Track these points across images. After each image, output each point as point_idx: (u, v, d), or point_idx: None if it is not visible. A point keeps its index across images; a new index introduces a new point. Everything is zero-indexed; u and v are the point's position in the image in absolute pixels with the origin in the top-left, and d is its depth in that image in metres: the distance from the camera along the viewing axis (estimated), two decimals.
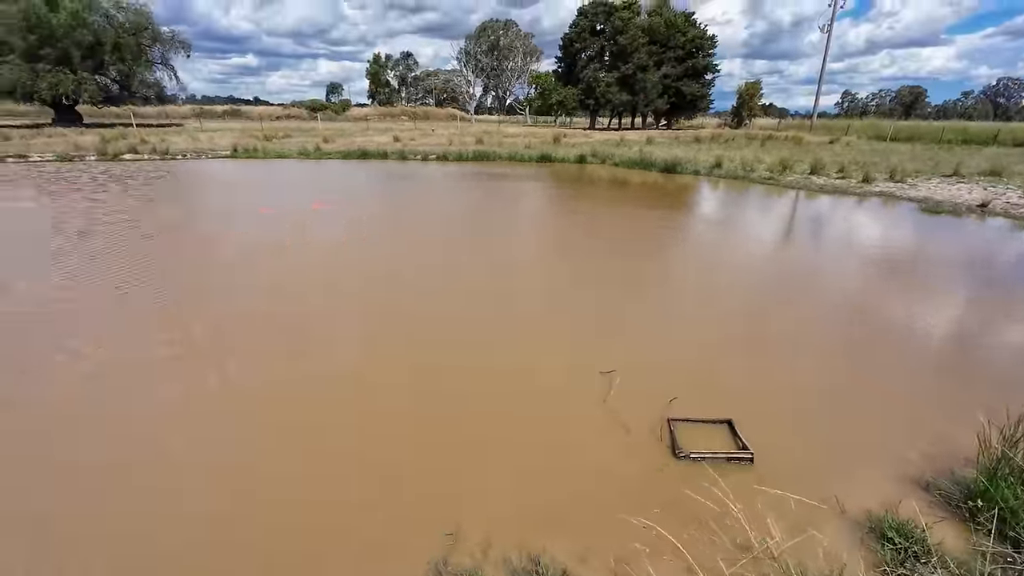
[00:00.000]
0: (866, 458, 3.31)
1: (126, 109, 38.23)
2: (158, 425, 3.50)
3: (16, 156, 18.76)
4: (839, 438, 3.51)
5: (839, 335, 5.13)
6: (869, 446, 3.43)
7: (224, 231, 8.95)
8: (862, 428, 3.63)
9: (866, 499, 2.90)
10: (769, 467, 3.19)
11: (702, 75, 46.13)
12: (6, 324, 5.02)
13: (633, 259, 7.59)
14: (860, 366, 4.49)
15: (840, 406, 3.90)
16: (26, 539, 2.57)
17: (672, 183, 16.33)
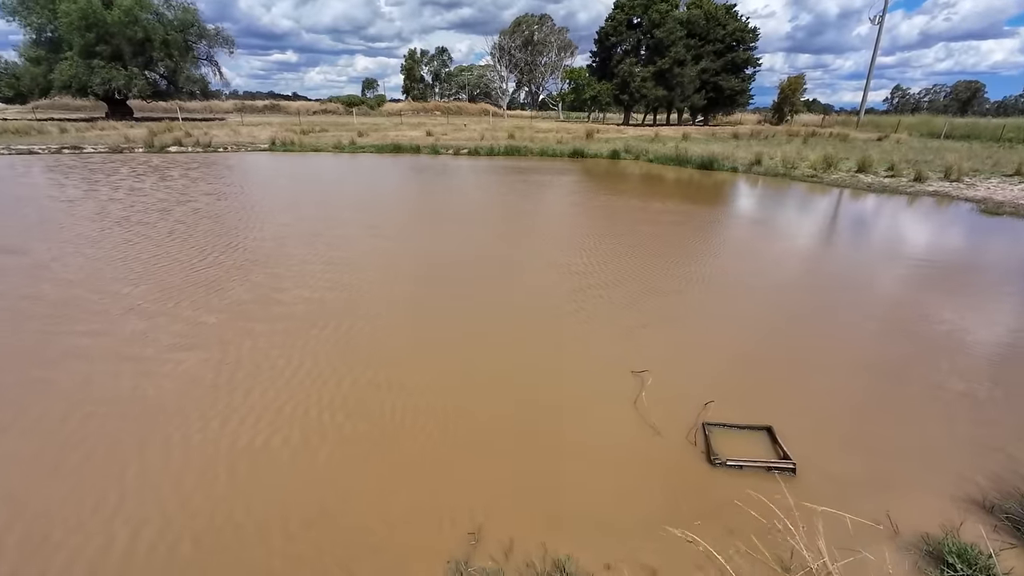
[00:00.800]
0: (920, 475, 3.05)
1: (173, 104, 39.77)
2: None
3: (72, 147, 19.70)
4: (889, 452, 3.26)
5: (890, 343, 4.80)
6: (923, 463, 3.17)
7: (256, 230, 9.12)
8: (915, 443, 3.36)
9: (922, 520, 2.67)
10: (812, 480, 2.98)
11: (742, 69, 44.64)
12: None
13: (667, 256, 7.35)
14: (912, 377, 4.18)
15: (889, 418, 3.63)
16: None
17: (708, 180, 15.84)
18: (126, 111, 37.38)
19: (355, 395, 3.74)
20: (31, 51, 34.04)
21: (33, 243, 7.34)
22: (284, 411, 3.52)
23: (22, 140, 20.91)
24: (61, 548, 2.42)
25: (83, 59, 32.57)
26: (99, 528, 2.54)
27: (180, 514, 2.63)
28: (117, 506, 2.68)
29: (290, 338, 4.59)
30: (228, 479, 2.89)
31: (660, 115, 50.80)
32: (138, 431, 3.28)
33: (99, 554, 2.40)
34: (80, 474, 2.91)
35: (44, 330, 4.66)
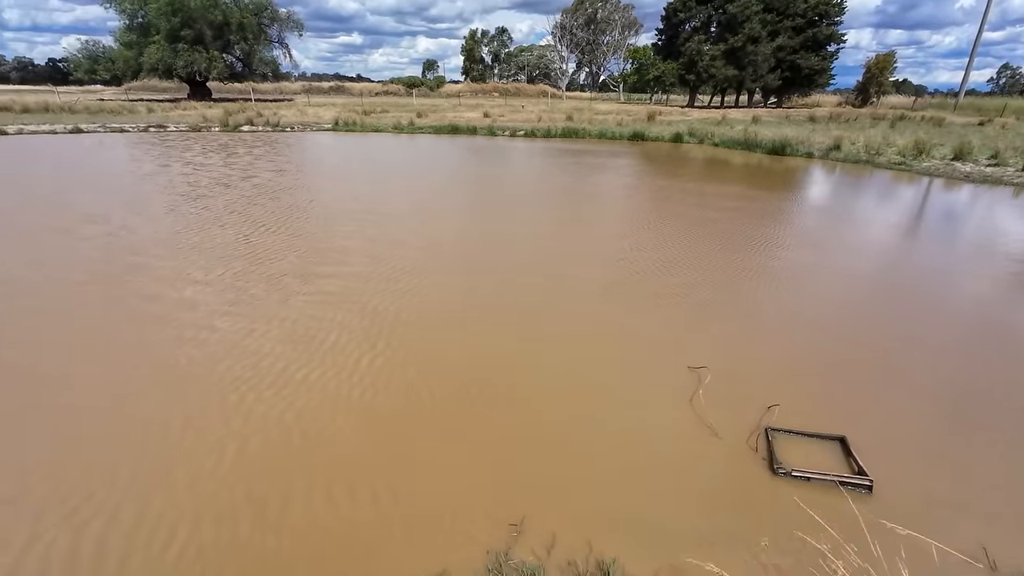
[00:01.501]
0: (1020, 504, 2.69)
1: (247, 85, 41.83)
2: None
3: (157, 126, 21.15)
4: (983, 478, 2.89)
5: (987, 355, 4.27)
6: (1022, 490, 2.79)
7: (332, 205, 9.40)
8: (1012, 467, 2.96)
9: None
10: (891, 500, 2.69)
11: (823, 47, 41.19)
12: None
13: (730, 245, 6.91)
14: (1012, 395, 3.70)
15: (983, 439, 3.22)
16: None
17: (779, 166, 14.80)
18: (205, 92, 39.72)
19: (396, 375, 3.75)
20: (124, 36, 36.73)
21: (112, 212, 7.93)
22: (326, 386, 3.59)
23: (115, 119, 22.67)
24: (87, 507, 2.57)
25: (169, 43, 34.80)
26: (114, 497, 2.68)
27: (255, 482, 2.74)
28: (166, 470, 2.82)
29: (333, 311, 4.68)
30: (265, 449, 2.97)
31: (728, 96, 48.05)
32: (175, 395, 3.44)
33: (109, 522, 2.53)
34: (107, 439, 3.09)
35: (108, 295, 5.00)
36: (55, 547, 2.32)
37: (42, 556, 2.27)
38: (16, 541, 2.34)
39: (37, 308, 4.70)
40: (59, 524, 2.43)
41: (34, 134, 18.42)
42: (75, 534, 2.38)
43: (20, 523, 2.44)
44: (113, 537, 2.37)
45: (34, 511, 2.50)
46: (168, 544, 2.34)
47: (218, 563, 2.26)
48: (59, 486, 2.66)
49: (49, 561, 2.25)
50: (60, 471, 2.76)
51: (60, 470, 2.77)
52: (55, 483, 2.68)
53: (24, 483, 2.68)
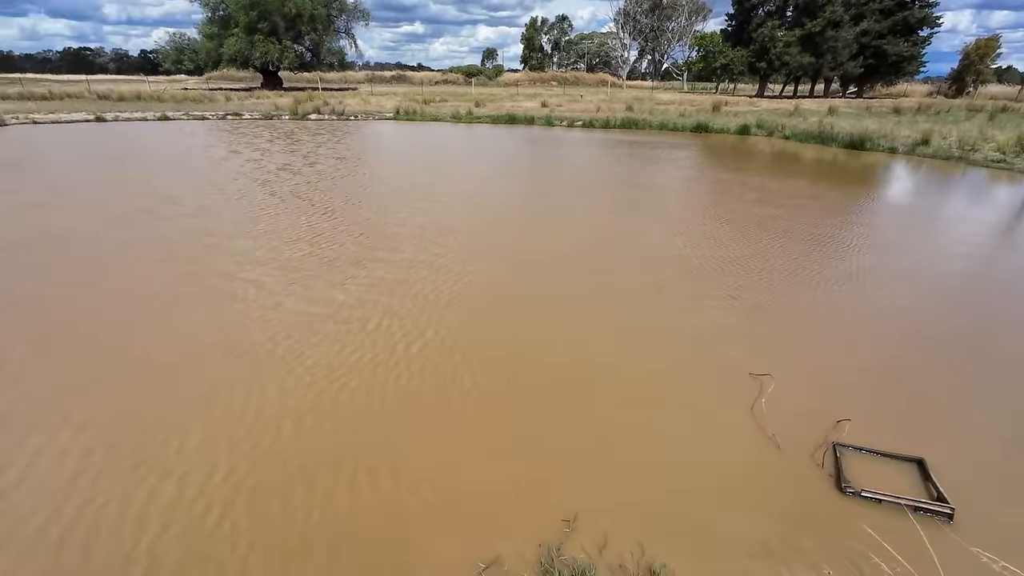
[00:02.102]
0: None
1: (315, 74, 43.53)
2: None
3: (233, 114, 22.48)
4: None
5: None
6: None
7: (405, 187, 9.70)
8: None
9: None
10: (974, 531, 2.49)
11: (915, 31, 37.77)
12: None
13: (800, 246, 6.54)
14: None
15: None
16: None
17: (857, 162, 13.80)
18: (277, 82, 41.68)
19: (444, 362, 3.83)
20: (207, 29, 39.08)
21: (190, 194, 8.55)
22: (376, 369, 3.72)
23: (197, 107, 24.27)
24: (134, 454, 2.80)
25: (246, 35, 36.73)
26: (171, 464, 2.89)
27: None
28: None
29: (387, 297, 4.83)
30: (319, 425, 3.13)
31: (802, 86, 45.14)
32: (240, 370, 3.67)
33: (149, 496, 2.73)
34: (178, 409, 3.33)
35: (184, 273, 5.39)
36: (112, 503, 2.56)
37: (100, 506, 2.52)
38: (80, 492, 2.61)
39: (126, 290, 5.15)
40: (124, 479, 2.68)
41: (128, 121, 20.06)
42: (147, 490, 2.62)
43: (85, 477, 2.71)
44: (168, 502, 2.59)
45: (102, 467, 2.78)
46: (224, 514, 2.53)
47: (272, 534, 2.42)
48: (132, 448, 2.93)
49: (105, 511, 2.49)
50: (133, 435, 3.04)
51: (133, 435, 3.05)
52: (130, 444, 2.95)
53: (103, 439, 2.97)
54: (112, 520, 2.46)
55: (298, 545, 2.36)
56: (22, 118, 18.39)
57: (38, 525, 2.42)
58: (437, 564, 2.28)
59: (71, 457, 2.85)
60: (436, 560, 2.30)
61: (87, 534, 2.38)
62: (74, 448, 2.92)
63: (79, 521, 2.44)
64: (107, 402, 3.34)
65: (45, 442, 2.96)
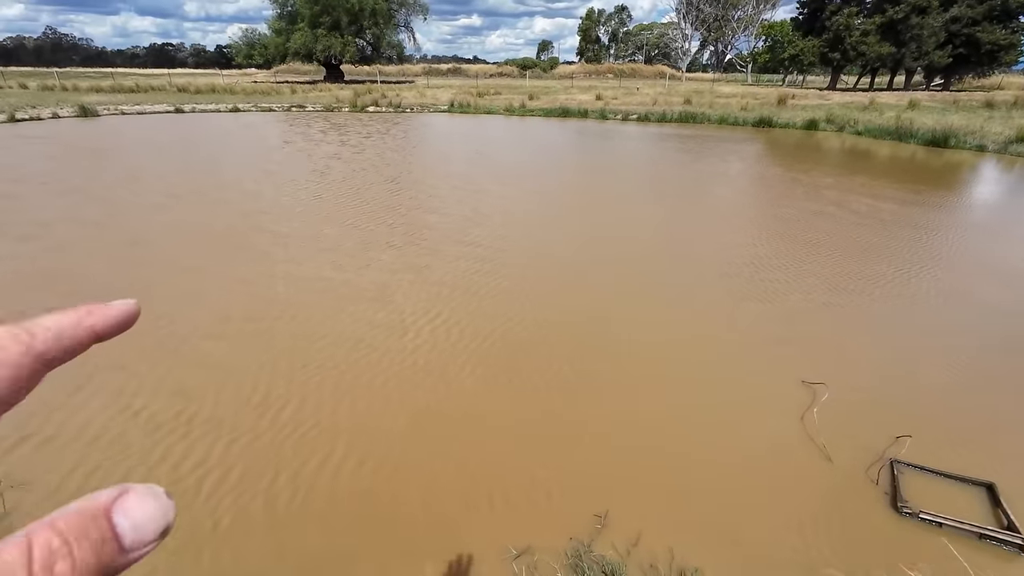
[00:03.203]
0: None
1: (375, 67, 44.81)
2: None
3: (297, 106, 23.54)
4: None
5: None
6: None
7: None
8: None
9: None
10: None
11: (1015, 17, 34.19)
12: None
13: (865, 254, 6.15)
14: None
15: None
16: None
17: (938, 160, 12.73)
18: (339, 75, 43.23)
19: (485, 351, 3.88)
20: (276, 24, 41.02)
21: (245, 180, 9.06)
22: (415, 356, 3.82)
23: (265, 99, 25.60)
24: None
25: (311, 29, 38.28)
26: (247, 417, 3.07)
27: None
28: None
29: (432, 288, 4.93)
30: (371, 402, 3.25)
31: (880, 78, 42.02)
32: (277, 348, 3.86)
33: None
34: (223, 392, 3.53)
35: (239, 244, 5.72)
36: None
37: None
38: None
39: (193, 268, 5.54)
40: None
41: (203, 112, 21.43)
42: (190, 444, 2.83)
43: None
44: (204, 474, 2.78)
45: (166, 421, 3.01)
46: (274, 481, 2.70)
47: (312, 513, 2.55)
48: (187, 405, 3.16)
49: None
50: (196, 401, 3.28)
51: (195, 401, 3.29)
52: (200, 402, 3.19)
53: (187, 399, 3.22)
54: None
55: (342, 517, 2.48)
56: (112, 109, 20.05)
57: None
58: (473, 547, 2.34)
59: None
60: (472, 544, 2.36)
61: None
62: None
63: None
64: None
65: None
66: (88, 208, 7.46)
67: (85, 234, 6.36)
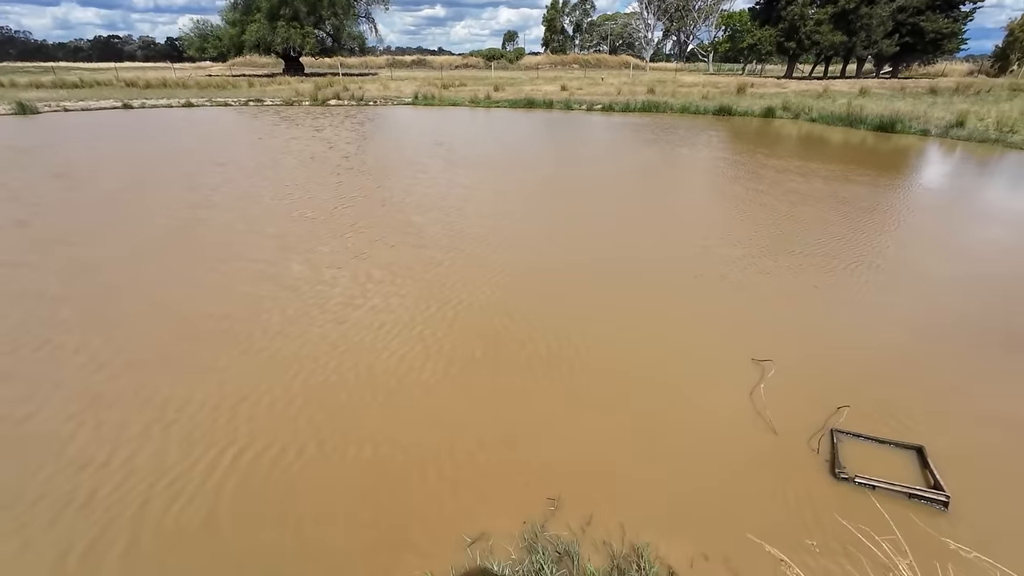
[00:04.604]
0: None
1: (336, 60, 43.69)
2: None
3: (255, 100, 22.78)
4: None
5: None
6: None
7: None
8: None
9: None
10: (969, 519, 2.45)
11: (956, 6, 35.85)
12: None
13: (814, 234, 6.38)
14: None
15: None
16: None
17: (886, 145, 13.29)
18: (299, 67, 41.98)
19: (449, 341, 3.89)
20: (230, 15, 39.49)
21: (204, 177, 8.77)
22: (376, 345, 3.80)
23: (220, 93, 24.66)
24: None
25: (268, 21, 37.00)
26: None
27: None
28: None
29: (392, 277, 4.90)
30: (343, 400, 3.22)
31: (834, 66, 43.43)
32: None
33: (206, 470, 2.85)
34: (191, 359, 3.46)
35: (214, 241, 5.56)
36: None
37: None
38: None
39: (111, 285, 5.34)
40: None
41: (154, 107, 20.53)
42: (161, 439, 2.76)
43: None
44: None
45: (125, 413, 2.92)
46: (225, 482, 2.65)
47: (261, 492, 2.53)
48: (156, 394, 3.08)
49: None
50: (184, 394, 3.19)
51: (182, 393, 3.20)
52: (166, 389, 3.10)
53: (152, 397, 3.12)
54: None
55: (303, 506, 2.46)
56: (54, 105, 18.99)
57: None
58: (427, 538, 2.36)
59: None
60: (426, 533, 2.38)
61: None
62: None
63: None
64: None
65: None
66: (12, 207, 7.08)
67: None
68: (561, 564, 2.22)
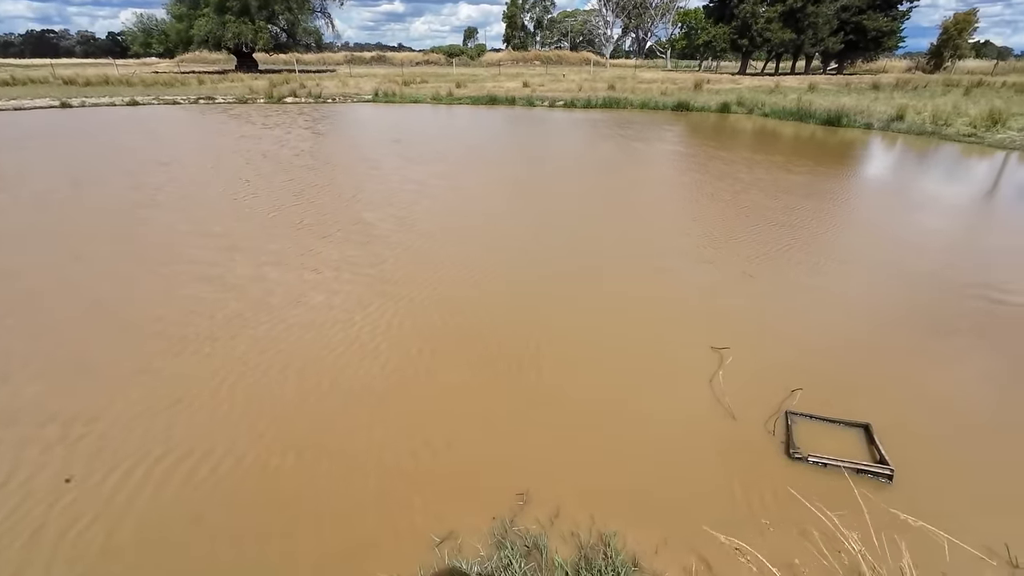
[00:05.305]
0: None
1: (292, 56, 42.38)
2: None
3: (206, 98, 21.87)
4: (1016, 471, 2.75)
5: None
6: None
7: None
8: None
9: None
10: (912, 490, 2.60)
11: (894, 6, 37.83)
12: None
13: (769, 226, 6.63)
14: None
15: (1021, 433, 3.05)
16: None
17: (833, 138, 13.91)
18: (252, 64, 40.52)
19: (409, 337, 3.85)
20: (175, 9, 37.73)
21: (149, 176, 8.40)
22: (330, 344, 3.73)
23: (168, 91, 23.59)
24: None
25: (217, 15, 35.53)
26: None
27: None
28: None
29: (349, 276, 4.82)
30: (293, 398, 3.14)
31: (785, 62, 45.13)
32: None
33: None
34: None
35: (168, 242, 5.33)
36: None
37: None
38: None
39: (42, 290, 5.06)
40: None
41: (95, 106, 19.43)
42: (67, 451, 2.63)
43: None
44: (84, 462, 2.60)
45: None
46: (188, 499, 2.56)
47: (234, 516, 2.45)
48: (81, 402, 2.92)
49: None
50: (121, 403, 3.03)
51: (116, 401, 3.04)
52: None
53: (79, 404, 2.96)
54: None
55: (257, 522, 2.39)
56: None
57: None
58: (395, 538, 2.33)
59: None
60: (393, 535, 2.35)
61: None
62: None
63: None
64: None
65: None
66: None
67: None
68: (530, 557, 2.24)
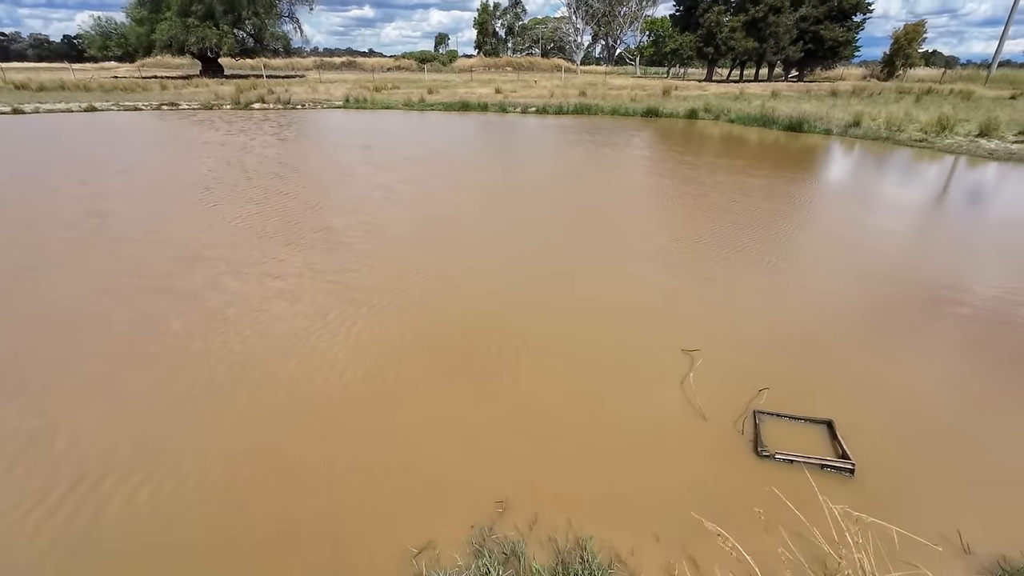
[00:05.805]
0: (1004, 491, 2.70)
1: (259, 61, 41.55)
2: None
3: (170, 104, 21.25)
4: (969, 462, 2.91)
5: (991, 344, 4.22)
6: (1008, 476, 2.80)
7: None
8: (1000, 454, 2.97)
9: (1000, 541, 2.37)
10: (873, 484, 2.72)
11: (849, 17, 39.52)
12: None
13: (734, 229, 6.83)
14: (1008, 382, 3.67)
15: (975, 426, 3.22)
16: None
17: (795, 144, 14.42)
18: (218, 69, 39.56)
19: (384, 346, 3.84)
20: (136, 12, 36.61)
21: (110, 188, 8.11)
22: (309, 351, 3.69)
23: (129, 96, 22.81)
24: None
25: (180, 19, 34.60)
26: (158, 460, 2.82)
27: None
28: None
29: (324, 286, 4.77)
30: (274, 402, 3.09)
31: (749, 70, 46.59)
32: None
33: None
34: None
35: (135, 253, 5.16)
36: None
37: None
38: None
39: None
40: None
41: (50, 112, 18.66)
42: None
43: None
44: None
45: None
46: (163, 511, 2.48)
47: (192, 532, 2.39)
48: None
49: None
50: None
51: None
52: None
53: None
54: None
55: (226, 541, 2.33)
56: None
57: None
58: (369, 553, 2.31)
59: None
60: (367, 549, 2.33)
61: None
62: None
63: None
64: None
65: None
66: None
67: None
68: (508, 565, 2.25)
